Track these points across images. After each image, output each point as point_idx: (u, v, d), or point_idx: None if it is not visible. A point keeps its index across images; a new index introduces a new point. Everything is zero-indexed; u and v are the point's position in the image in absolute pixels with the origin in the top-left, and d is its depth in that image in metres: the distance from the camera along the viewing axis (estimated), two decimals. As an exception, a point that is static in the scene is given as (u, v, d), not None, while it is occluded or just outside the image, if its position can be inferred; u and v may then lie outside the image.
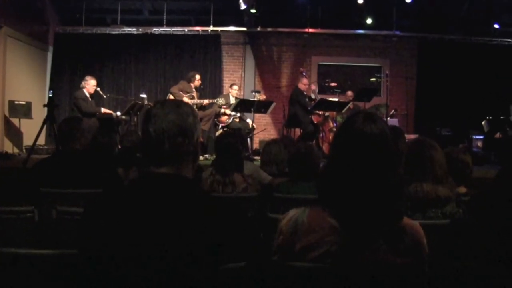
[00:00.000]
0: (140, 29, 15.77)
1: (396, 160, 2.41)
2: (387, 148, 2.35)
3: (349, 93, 14.29)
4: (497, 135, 14.09)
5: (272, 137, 13.65)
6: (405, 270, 2.35)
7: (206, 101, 12.79)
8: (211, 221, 2.27)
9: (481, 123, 14.22)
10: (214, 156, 5.79)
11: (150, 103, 12.08)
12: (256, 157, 10.81)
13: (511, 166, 2.64)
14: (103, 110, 12.29)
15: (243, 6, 13.90)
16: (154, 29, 15.75)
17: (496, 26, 15.95)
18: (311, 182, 4.87)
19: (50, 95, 10.55)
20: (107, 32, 15.74)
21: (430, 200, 3.69)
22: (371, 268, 2.30)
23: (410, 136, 13.26)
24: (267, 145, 6.36)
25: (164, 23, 15.63)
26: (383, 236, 2.32)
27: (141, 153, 2.49)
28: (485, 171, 8.61)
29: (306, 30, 15.71)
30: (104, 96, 12.93)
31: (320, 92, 14.96)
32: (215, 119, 12.79)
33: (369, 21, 15.32)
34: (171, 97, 12.33)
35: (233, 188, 5.09)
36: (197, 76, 12.95)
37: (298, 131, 13.15)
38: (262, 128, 15.13)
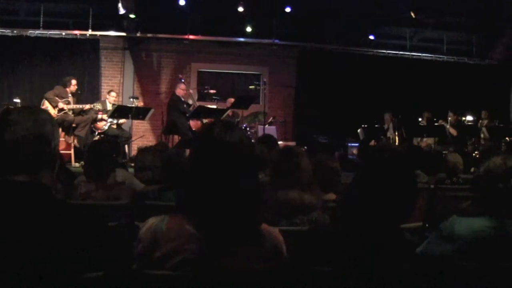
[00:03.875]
0: (15, 31, 15.10)
1: (255, 168, 2.44)
2: (244, 155, 2.38)
3: (231, 100, 14.33)
4: (372, 142, 14.54)
5: (151, 144, 13.50)
6: (264, 275, 2.38)
7: (87, 106, 12.52)
8: (67, 229, 2.22)
9: (357, 131, 14.64)
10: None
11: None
12: (133, 164, 10.68)
13: (363, 173, 2.72)
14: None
15: (122, 11, 13.70)
16: (30, 31, 15.13)
17: (371, 37, 16.50)
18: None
19: None
20: (-20, 33, 15.06)
21: (296, 207, 3.75)
22: (230, 275, 2.31)
23: (288, 144, 13.53)
24: (140, 152, 6.27)
25: (41, 25, 15.10)
26: (242, 242, 2.34)
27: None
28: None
29: (187, 36, 15.70)
30: (-26, 100, 12.42)
31: (199, 99, 14.95)
32: (92, 125, 12.53)
33: (249, 29, 15.48)
34: (46, 102, 12.02)
35: (104, 196, 5.01)
36: (73, 81, 12.67)
37: (177, 138, 13.07)
38: (141, 134, 14.95)
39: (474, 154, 13.43)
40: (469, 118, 15.37)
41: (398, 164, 2.66)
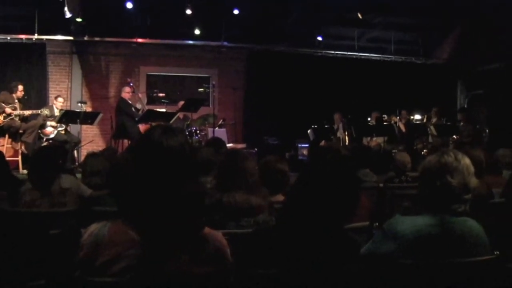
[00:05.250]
0: (-42, 36, 14.80)
1: (195, 172, 2.44)
2: (185, 160, 2.37)
3: (182, 103, 14.24)
4: (322, 143, 14.62)
5: (101, 149, 13.35)
6: (208, 279, 2.38)
7: (27, 112, 12.31)
8: (6, 238, 2.19)
9: (307, 131, 14.72)
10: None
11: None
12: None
13: (305, 174, 2.73)
14: None
15: (68, 15, 13.47)
16: (-27, 35, 14.82)
17: (319, 38, 16.62)
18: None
19: None
20: None
21: (243, 210, 3.75)
22: (174, 279, 2.31)
23: (238, 146, 13.56)
24: (88, 157, 6.20)
25: (-15, 29, 14.78)
26: (184, 247, 2.33)
27: None
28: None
29: (135, 40, 15.52)
30: None
31: (149, 102, 14.87)
32: (40, 131, 12.33)
33: (197, 31, 15.44)
34: (-9, 108, 11.84)
35: (49, 203, 4.94)
36: (20, 87, 12.45)
37: (127, 142, 12.95)
38: (90, 139, 14.78)
39: (423, 153, 13.63)
40: (417, 116, 15.59)
41: (340, 165, 2.69)
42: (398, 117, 15.15)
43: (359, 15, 15.52)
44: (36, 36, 15.01)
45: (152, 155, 2.35)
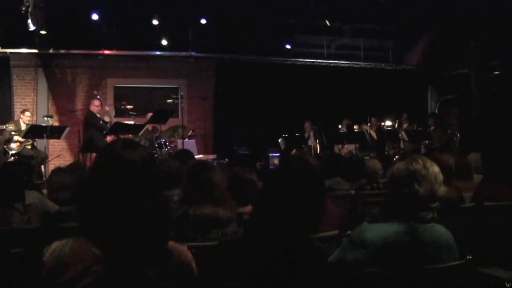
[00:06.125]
0: None
1: (158, 185, 2.39)
2: (146, 174, 2.33)
3: (150, 115, 14.13)
4: (294, 151, 14.60)
5: (68, 163, 13.20)
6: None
7: None
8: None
9: (278, 140, 14.69)
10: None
11: None
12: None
13: (271, 183, 2.68)
14: None
15: (32, 27, 13.28)
16: None
17: (288, 46, 16.63)
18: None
19: None
20: None
21: (210, 222, 3.71)
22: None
23: (208, 157, 13.46)
24: (53, 172, 6.09)
25: None
26: (149, 261, 2.30)
27: None
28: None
29: (101, 51, 15.38)
30: None
31: (117, 115, 14.77)
32: (5, 146, 12.17)
33: (164, 42, 15.33)
34: (-45, 125, 11.66)
35: (13, 220, 4.82)
36: (-16, 102, 12.32)
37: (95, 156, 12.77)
38: (57, 154, 14.60)
39: (395, 159, 13.65)
40: (388, 123, 15.64)
41: (306, 174, 2.64)
42: (368, 125, 15.20)
43: (328, 22, 15.57)
44: (-1, 50, 14.79)
45: (113, 169, 2.29)
